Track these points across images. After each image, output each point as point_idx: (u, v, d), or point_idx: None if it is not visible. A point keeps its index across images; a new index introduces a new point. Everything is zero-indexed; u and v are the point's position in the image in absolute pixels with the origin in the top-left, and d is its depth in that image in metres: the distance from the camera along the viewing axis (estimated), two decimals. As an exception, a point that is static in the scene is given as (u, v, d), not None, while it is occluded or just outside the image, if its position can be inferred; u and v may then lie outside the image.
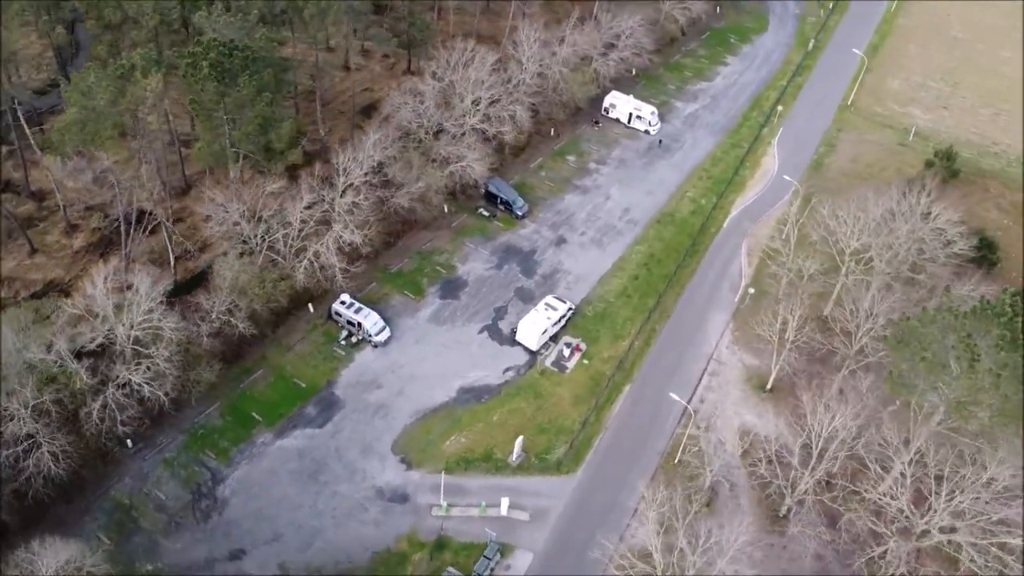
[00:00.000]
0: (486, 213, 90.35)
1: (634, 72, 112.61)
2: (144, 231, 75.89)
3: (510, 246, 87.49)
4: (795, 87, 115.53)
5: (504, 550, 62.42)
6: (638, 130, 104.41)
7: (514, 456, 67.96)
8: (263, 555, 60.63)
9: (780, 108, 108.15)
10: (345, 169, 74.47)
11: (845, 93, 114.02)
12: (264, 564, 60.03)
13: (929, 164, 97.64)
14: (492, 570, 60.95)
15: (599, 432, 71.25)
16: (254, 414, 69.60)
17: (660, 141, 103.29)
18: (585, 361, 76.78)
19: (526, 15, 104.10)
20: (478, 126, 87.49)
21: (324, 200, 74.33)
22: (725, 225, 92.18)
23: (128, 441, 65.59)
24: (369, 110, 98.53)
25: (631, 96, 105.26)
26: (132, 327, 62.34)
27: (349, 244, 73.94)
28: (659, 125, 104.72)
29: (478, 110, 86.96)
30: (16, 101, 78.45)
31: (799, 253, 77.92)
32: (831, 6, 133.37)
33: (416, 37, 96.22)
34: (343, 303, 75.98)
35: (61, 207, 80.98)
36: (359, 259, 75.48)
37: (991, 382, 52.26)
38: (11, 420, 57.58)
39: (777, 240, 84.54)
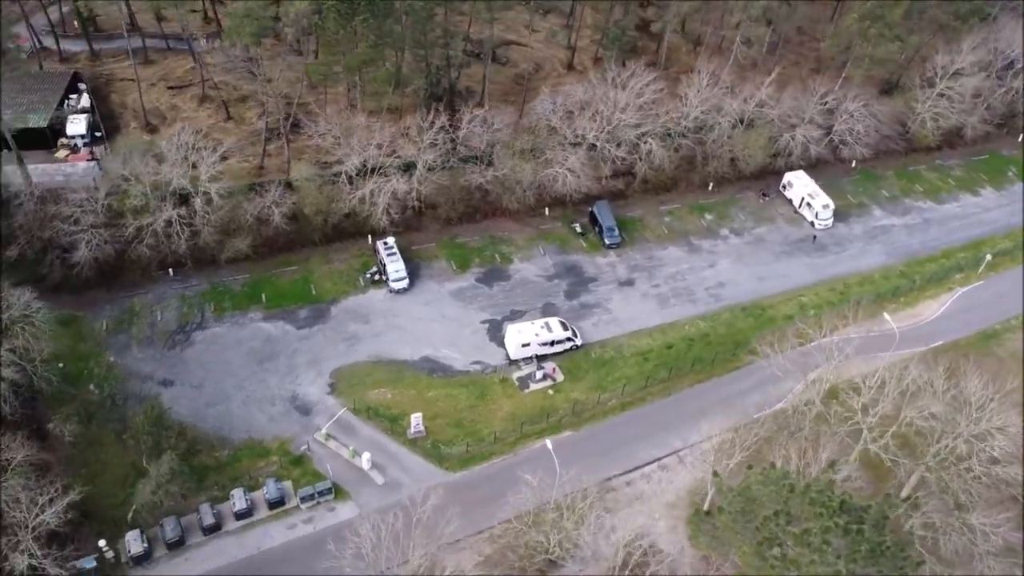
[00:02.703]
0: (579, 229, 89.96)
1: (854, 164, 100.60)
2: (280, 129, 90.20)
3: (575, 266, 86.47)
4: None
5: (339, 494, 65.53)
6: (805, 218, 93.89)
7: (412, 430, 69.77)
8: (178, 392, 71.35)
9: (989, 257, 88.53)
10: (424, 128, 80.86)
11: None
12: (173, 399, 70.62)
13: None
14: (316, 502, 64.61)
15: (504, 454, 69.54)
16: (264, 295, 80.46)
17: (815, 237, 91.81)
18: (551, 391, 74.51)
19: (737, 60, 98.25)
20: (596, 142, 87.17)
21: (399, 148, 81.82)
22: (813, 344, 79.79)
23: (170, 270, 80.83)
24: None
25: (812, 180, 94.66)
26: (184, 180, 76.77)
27: (404, 192, 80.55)
28: (830, 221, 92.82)
29: (597, 128, 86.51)
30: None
31: (831, 401, 66.65)
32: None
33: (609, 45, 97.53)
34: (384, 244, 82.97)
35: (258, 91, 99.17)
36: (404, 209, 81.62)
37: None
38: (83, 210, 75.41)
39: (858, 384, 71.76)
